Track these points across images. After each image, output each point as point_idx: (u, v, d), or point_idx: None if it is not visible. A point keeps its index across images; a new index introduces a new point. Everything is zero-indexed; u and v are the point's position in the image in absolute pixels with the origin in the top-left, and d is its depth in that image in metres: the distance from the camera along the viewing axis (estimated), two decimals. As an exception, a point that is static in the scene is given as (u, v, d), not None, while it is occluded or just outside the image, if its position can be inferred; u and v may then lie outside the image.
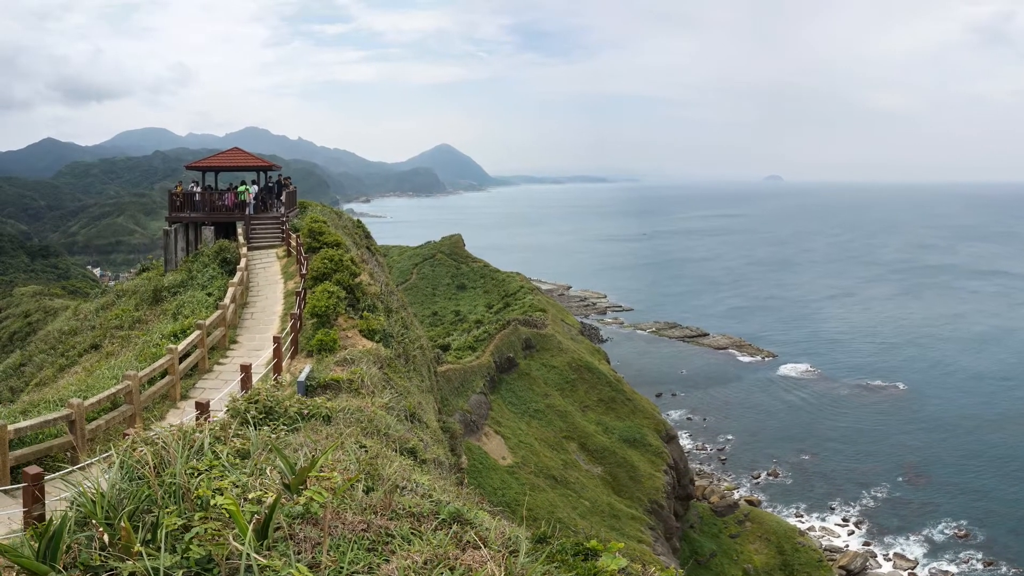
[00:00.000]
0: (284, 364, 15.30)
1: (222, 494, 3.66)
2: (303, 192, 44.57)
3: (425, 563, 3.48)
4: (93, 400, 11.48)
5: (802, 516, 61.71)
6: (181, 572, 3.20)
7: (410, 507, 4.43)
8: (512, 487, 44.58)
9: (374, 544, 3.75)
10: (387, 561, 3.53)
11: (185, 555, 3.30)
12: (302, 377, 12.55)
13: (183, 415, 12.63)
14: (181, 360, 14.72)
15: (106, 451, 5.20)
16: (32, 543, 3.27)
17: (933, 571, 54.44)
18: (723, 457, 71.87)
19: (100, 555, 3.30)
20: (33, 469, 6.73)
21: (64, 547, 3.29)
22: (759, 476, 68.09)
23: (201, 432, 4.76)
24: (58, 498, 5.02)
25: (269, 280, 25.42)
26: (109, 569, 3.22)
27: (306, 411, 8.38)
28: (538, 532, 6.52)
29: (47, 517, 5.87)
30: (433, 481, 6.35)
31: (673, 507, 52.62)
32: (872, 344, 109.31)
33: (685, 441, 71.67)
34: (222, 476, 4.09)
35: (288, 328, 17.19)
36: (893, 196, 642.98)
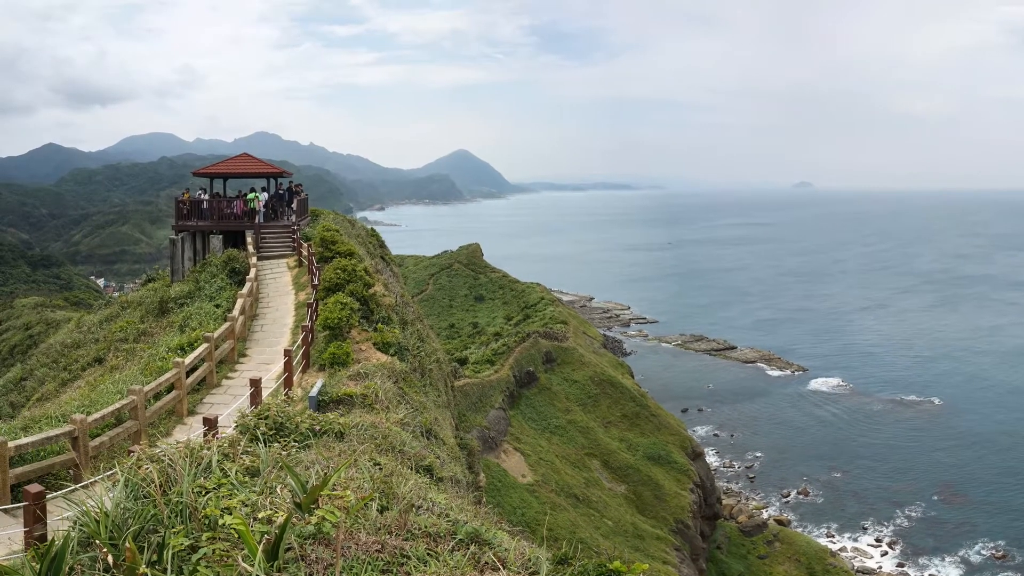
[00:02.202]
0: (295, 378, 15.12)
1: (231, 513, 3.60)
2: (315, 199, 44.84)
3: (441, 586, 3.34)
4: (97, 416, 11.31)
5: (833, 536, 60.22)
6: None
7: (426, 527, 4.32)
8: (532, 506, 44.10)
9: (388, 565, 3.65)
10: (401, 584, 3.39)
11: (191, 577, 3.20)
12: (314, 392, 12.44)
13: (190, 431, 12.45)
14: (188, 374, 14.54)
15: (110, 469, 5.17)
16: (33, 564, 3.23)
17: (972, 594, 52.65)
18: (751, 475, 70.54)
19: (103, 577, 3.22)
20: (34, 487, 6.63)
21: (67, 568, 3.23)
22: (789, 495, 66.65)
23: (209, 449, 4.70)
24: (60, 517, 4.97)
25: (280, 291, 25.11)
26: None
27: (318, 427, 8.25)
28: (559, 553, 6.33)
29: (49, 537, 5.81)
30: (450, 500, 6.23)
31: (699, 527, 51.68)
32: (906, 358, 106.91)
33: (712, 458, 70.56)
34: (231, 495, 4.01)
35: (299, 341, 16.97)
36: (927, 204, 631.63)
